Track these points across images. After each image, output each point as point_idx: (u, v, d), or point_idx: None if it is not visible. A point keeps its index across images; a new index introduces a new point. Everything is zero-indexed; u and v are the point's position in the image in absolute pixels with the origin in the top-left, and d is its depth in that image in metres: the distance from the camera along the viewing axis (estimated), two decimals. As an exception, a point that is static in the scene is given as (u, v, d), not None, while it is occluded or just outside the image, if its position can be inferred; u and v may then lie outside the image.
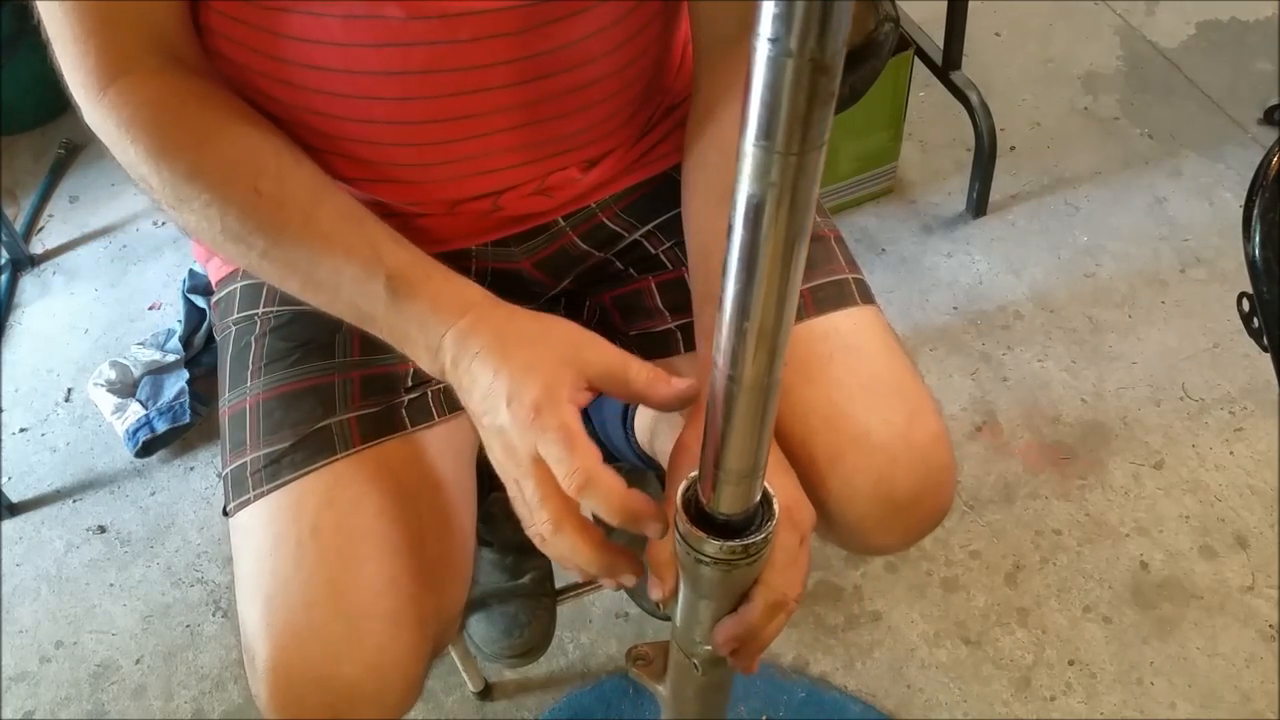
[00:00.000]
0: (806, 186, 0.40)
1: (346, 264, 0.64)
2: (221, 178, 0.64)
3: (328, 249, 0.64)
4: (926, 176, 1.80)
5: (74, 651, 1.37)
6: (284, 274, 0.66)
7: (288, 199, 0.65)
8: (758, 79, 0.37)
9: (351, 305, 0.65)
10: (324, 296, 0.66)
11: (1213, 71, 1.90)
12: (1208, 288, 1.60)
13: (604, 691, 1.28)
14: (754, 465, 0.51)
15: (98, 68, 0.65)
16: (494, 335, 0.61)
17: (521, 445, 0.58)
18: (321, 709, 0.68)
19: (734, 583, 0.59)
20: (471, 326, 0.62)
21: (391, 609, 0.70)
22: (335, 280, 0.64)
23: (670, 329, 0.84)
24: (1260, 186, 0.83)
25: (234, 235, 0.65)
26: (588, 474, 0.56)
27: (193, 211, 0.65)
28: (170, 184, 0.65)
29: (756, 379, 0.47)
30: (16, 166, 1.98)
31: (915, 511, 0.75)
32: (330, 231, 0.64)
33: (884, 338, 0.79)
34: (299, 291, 0.66)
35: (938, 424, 0.76)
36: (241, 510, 0.74)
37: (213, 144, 0.65)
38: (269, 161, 0.66)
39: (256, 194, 0.64)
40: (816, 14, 0.35)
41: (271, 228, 0.64)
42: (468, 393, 0.62)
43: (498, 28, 0.68)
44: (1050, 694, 1.24)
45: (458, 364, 0.62)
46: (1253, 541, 1.34)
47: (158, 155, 0.65)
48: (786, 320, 0.45)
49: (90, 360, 1.66)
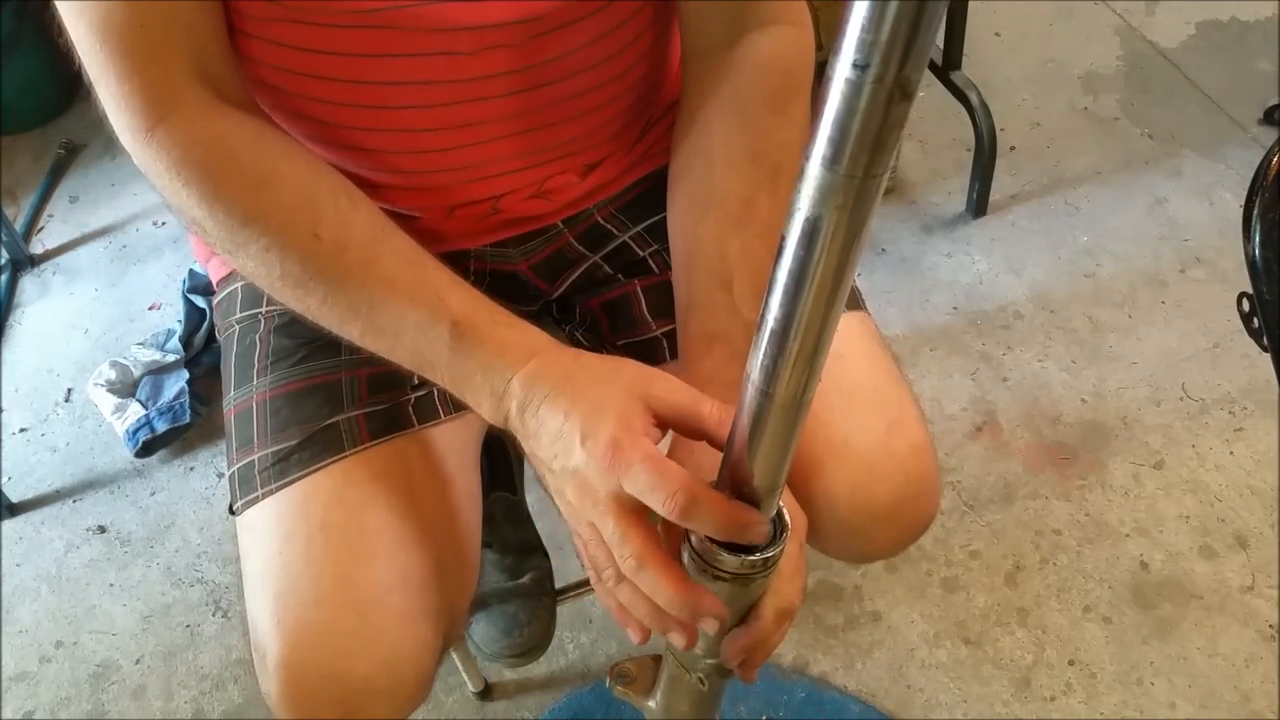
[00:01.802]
0: (865, 211, 0.41)
1: (410, 310, 0.63)
2: (280, 223, 0.63)
3: (390, 295, 0.63)
4: (926, 176, 1.80)
5: (74, 651, 1.37)
6: (345, 319, 0.65)
7: (349, 244, 0.64)
8: (834, 102, 0.37)
9: (414, 352, 0.64)
10: (385, 342, 0.64)
11: (1213, 71, 1.91)
12: (1208, 288, 1.60)
13: (604, 691, 1.27)
14: (779, 482, 0.52)
15: (144, 107, 0.62)
16: (562, 377, 0.60)
17: (601, 484, 0.56)
18: (334, 705, 0.68)
19: (746, 596, 0.59)
20: (539, 370, 0.61)
21: (402, 605, 0.70)
22: (397, 326, 0.63)
23: (656, 336, 0.84)
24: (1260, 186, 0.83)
25: (294, 280, 0.64)
26: (691, 493, 0.53)
27: (250, 256, 0.64)
28: (226, 228, 0.63)
29: (792, 398, 0.47)
30: (16, 166, 1.98)
31: (895, 521, 0.75)
32: (393, 277, 0.63)
33: (868, 345, 0.79)
34: (359, 337, 0.65)
35: (919, 433, 0.75)
36: (249, 509, 0.74)
37: (270, 187, 0.64)
38: (327, 205, 0.64)
39: (317, 239, 0.63)
40: (904, 41, 0.35)
41: (332, 274, 0.63)
42: (535, 437, 0.60)
43: (497, 40, 0.68)
44: (1050, 694, 1.24)
45: (524, 409, 0.60)
46: (1253, 541, 1.34)
47: (212, 199, 0.63)
48: (826, 341, 0.45)
49: (90, 360, 1.66)
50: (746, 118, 0.73)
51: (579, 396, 0.59)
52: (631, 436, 0.56)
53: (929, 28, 0.35)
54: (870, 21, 0.35)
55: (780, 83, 0.75)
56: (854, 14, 0.35)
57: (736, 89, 0.73)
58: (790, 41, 0.76)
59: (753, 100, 0.74)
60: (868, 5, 0.35)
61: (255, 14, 0.66)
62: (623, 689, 0.75)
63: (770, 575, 0.57)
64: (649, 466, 0.54)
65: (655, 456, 0.55)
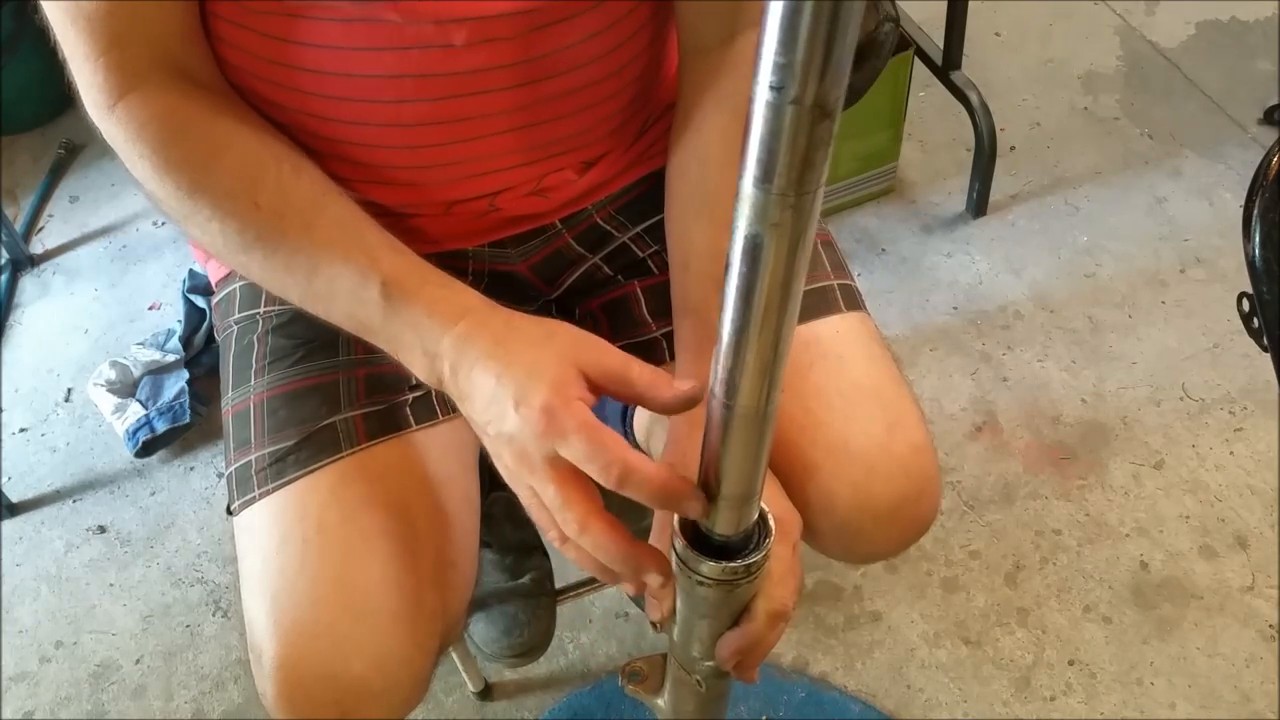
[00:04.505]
0: (804, 227, 0.41)
1: (344, 271, 0.63)
2: (223, 192, 0.65)
3: (325, 257, 0.63)
4: (926, 176, 1.80)
5: (74, 651, 1.37)
6: (284, 284, 0.66)
7: (287, 210, 0.65)
8: (758, 124, 0.38)
9: (349, 314, 0.64)
10: (322, 306, 0.65)
11: (1213, 71, 1.91)
12: (1208, 288, 1.60)
13: (604, 691, 1.28)
14: (751, 490, 0.52)
15: (107, 84, 0.65)
16: (494, 340, 0.60)
17: (536, 450, 0.56)
18: (329, 706, 0.68)
19: (734, 601, 0.59)
20: (470, 331, 0.60)
21: (398, 606, 0.70)
22: (331, 289, 0.64)
23: (655, 337, 0.84)
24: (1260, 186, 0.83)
25: (236, 247, 0.65)
26: (625, 463, 0.53)
27: (197, 226, 0.66)
28: (175, 199, 0.65)
29: (754, 409, 0.47)
30: (16, 166, 1.98)
31: (895, 522, 0.75)
32: (328, 240, 0.64)
33: (867, 345, 0.79)
34: (300, 302, 0.66)
35: (919, 433, 0.75)
36: (246, 509, 0.74)
37: (218, 159, 0.65)
38: (270, 173, 0.66)
39: (256, 207, 0.64)
40: (819, 61, 0.35)
41: (270, 238, 0.64)
42: (469, 400, 0.60)
43: (493, 33, 0.68)
44: (1050, 694, 1.24)
45: (457, 371, 0.60)
46: (1253, 541, 1.34)
47: (163, 171, 0.65)
48: (783, 353, 0.46)
49: (90, 360, 1.66)
50: (741, 117, 0.73)
51: (511, 360, 0.58)
52: (565, 402, 0.55)
53: (842, 48, 0.35)
54: (783, 45, 0.35)
55: None
56: (767, 37, 0.35)
57: (732, 88, 0.73)
58: None
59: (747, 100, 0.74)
60: (779, 28, 0.35)
61: (245, 6, 0.66)
62: (634, 687, 0.76)
63: (756, 580, 0.57)
64: (585, 435, 0.54)
65: (591, 424, 0.55)
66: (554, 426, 0.55)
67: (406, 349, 0.63)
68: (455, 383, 0.61)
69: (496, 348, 0.59)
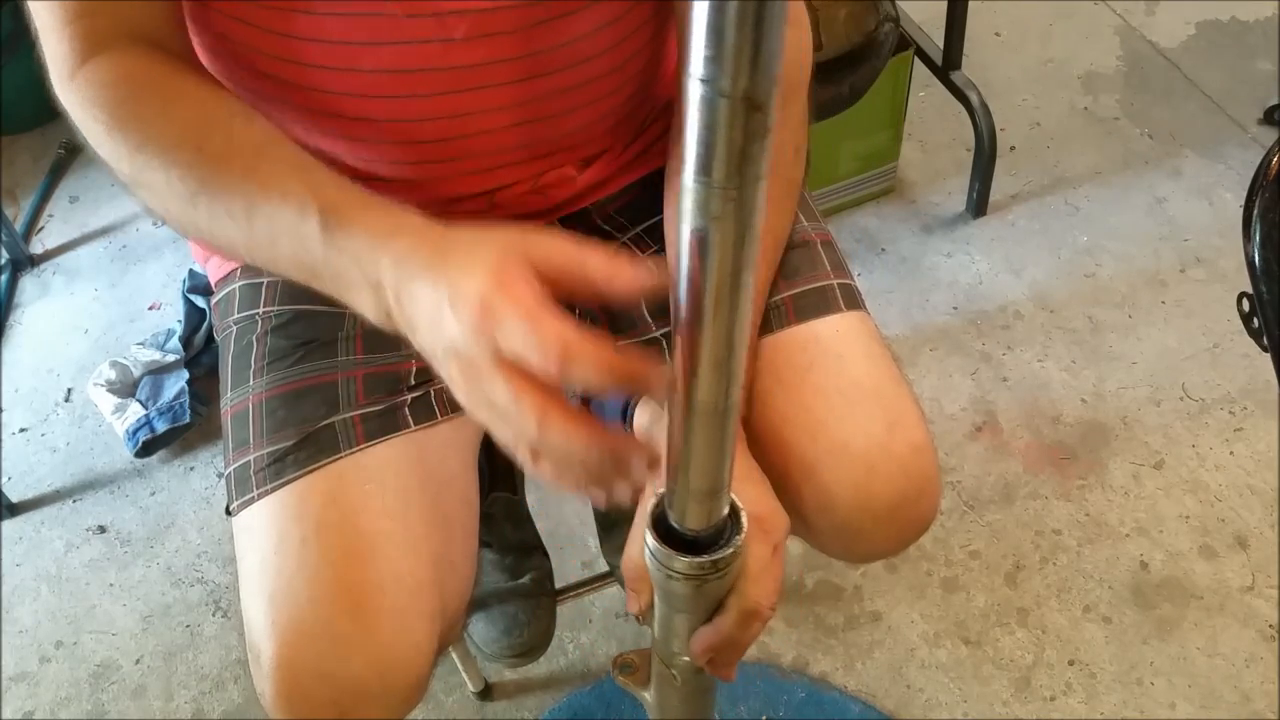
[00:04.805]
0: (748, 219, 0.41)
1: (282, 208, 0.58)
2: (171, 141, 0.62)
3: (265, 198, 0.59)
4: (926, 176, 1.80)
5: (74, 651, 1.37)
6: (229, 235, 0.61)
7: (233, 154, 0.61)
8: (692, 117, 0.37)
9: (291, 257, 0.59)
10: (266, 252, 0.60)
11: (1213, 71, 1.91)
12: (1208, 288, 1.60)
13: (604, 691, 1.28)
14: (717, 484, 0.52)
15: (70, 54, 0.64)
16: (433, 249, 0.53)
17: (478, 350, 0.49)
18: (327, 706, 0.68)
19: (706, 596, 0.59)
20: (409, 247, 0.54)
21: (397, 606, 0.70)
22: (271, 230, 0.59)
23: (656, 337, 0.84)
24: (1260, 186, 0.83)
25: (181, 197, 0.61)
26: (564, 342, 0.46)
27: (147, 185, 0.63)
28: (127, 157, 0.63)
29: (713, 404, 0.47)
30: (16, 166, 1.98)
31: (895, 521, 0.75)
32: (269, 179, 0.59)
33: (867, 345, 0.78)
34: (246, 253, 0.62)
35: (919, 433, 0.75)
36: (245, 509, 0.74)
37: (168, 113, 0.63)
38: (219, 124, 0.63)
39: (201, 153, 0.61)
40: (748, 54, 0.35)
41: (213, 183, 0.60)
42: (415, 326, 0.53)
43: (494, 26, 0.68)
44: (1050, 694, 1.24)
45: (400, 295, 0.54)
46: (1253, 541, 1.34)
47: (114, 129, 0.63)
48: (738, 347, 0.46)
49: (90, 360, 1.66)
50: None
51: (449, 264, 0.51)
52: (503, 290, 0.49)
53: (771, 40, 0.35)
54: (710, 37, 0.35)
55: None
56: (694, 29, 0.35)
57: None
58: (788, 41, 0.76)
59: None
60: (706, 20, 0.35)
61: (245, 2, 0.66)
62: (624, 679, 0.76)
63: (727, 576, 0.57)
64: (520, 317, 0.47)
65: (529, 307, 0.48)
66: (490, 316, 0.48)
67: (352, 286, 0.56)
68: (401, 310, 0.54)
69: (435, 257, 0.53)
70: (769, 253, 0.76)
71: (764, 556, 0.61)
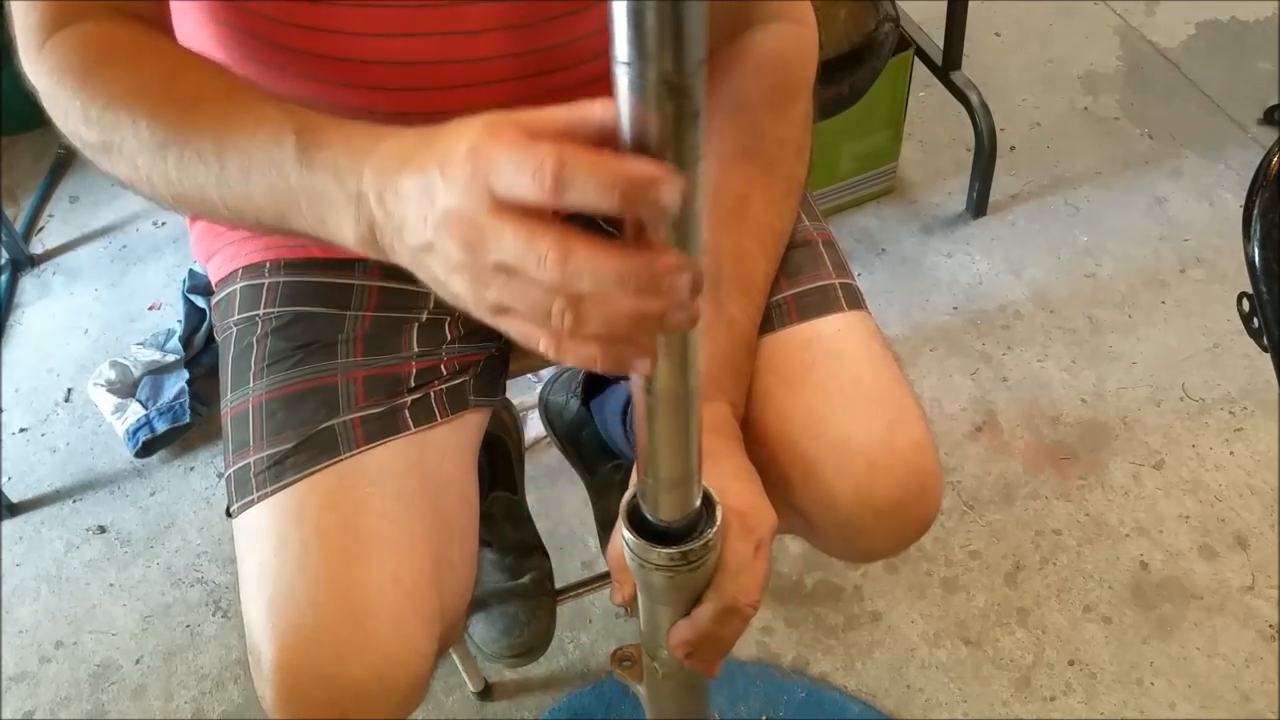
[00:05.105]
0: (690, 203, 0.41)
1: (256, 136, 0.55)
2: (139, 93, 0.59)
3: (237, 129, 0.55)
4: (926, 176, 1.80)
5: (74, 651, 1.37)
6: (198, 179, 0.57)
7: (203, 97, 0.58)
8: (621, 101, 0.38)
9: (266, 189, 0.55)
10: (239, 189, 0.56)
11: (1213, 71, 1.90)
12: (1208, 288, 1.60)
13: (604, 691, 1.28)
14: (685, 473, 0.52)
15: (40, 22, 0.62)
16: (418, 142, 0.48)
17: (475, 201, 0.43)
18: (327, 709, 0.68)
19: (682, 588, 0.59)
20: (393, 150, 0.49)
21: (396, 609, 0.70)
22: (245, 163, 0.55)
23: None
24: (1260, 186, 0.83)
25: (149, 150, 0.58)
26: (559, 154, 0.40)
27: (114, 148, 0.59)
28: (96, 120, 0.59)
29: (671, 390, 0.48)
30: (16, 166, 1.98)
31: (897, 518, 0.75)
32: (242, 114, 0.56)
33: (868, 344, 0.79)
34: (218, 196, 0.57)
35: (921, 431, 0.75)
36: (245, 511, 0.74)
37: (136, 68, 0.61)
38: (190, 70, 0.60)
39: (171, 98, 0.58)
40: (670, 38, 0.35)
41: (183, 128, 0.57)
42: (403, 224, 0.48)
43: (503, 19, 0.68)
44: (1050, 694, 1.24)
45: (385, 199, 0.48)
46: (1253, 541, 1.34)
47: (81, 91, 0.60)
48: (692, 336, 0.46)
49: (90, 360, 1.66)
50: (744, 114, 0.73)
51: (435, 145, 0.46)
52: (493, 136, 0.43)
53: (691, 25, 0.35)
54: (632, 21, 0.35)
55: (780, 80, 0.75)
56: (616, 14, 0.36)
57: (735, 85, 0.73)
58: (792, 39, 0.76)
59: (751, 96, 0.74)
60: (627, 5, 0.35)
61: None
62: (621, 671, 0.77)
63: (701, 569, 0.57)
64: (512, 147, 0.42)
65: (518, 137, 0.42)
66: (480, 158, 0.43)
67: (332, 206, 0.52)
68: (387, 214, 0.49)
69: (420, 146, 0.47)
70: (771, 251, 0.76)
71: (744, 553, 0.61)
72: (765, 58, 0.74)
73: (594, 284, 0.42)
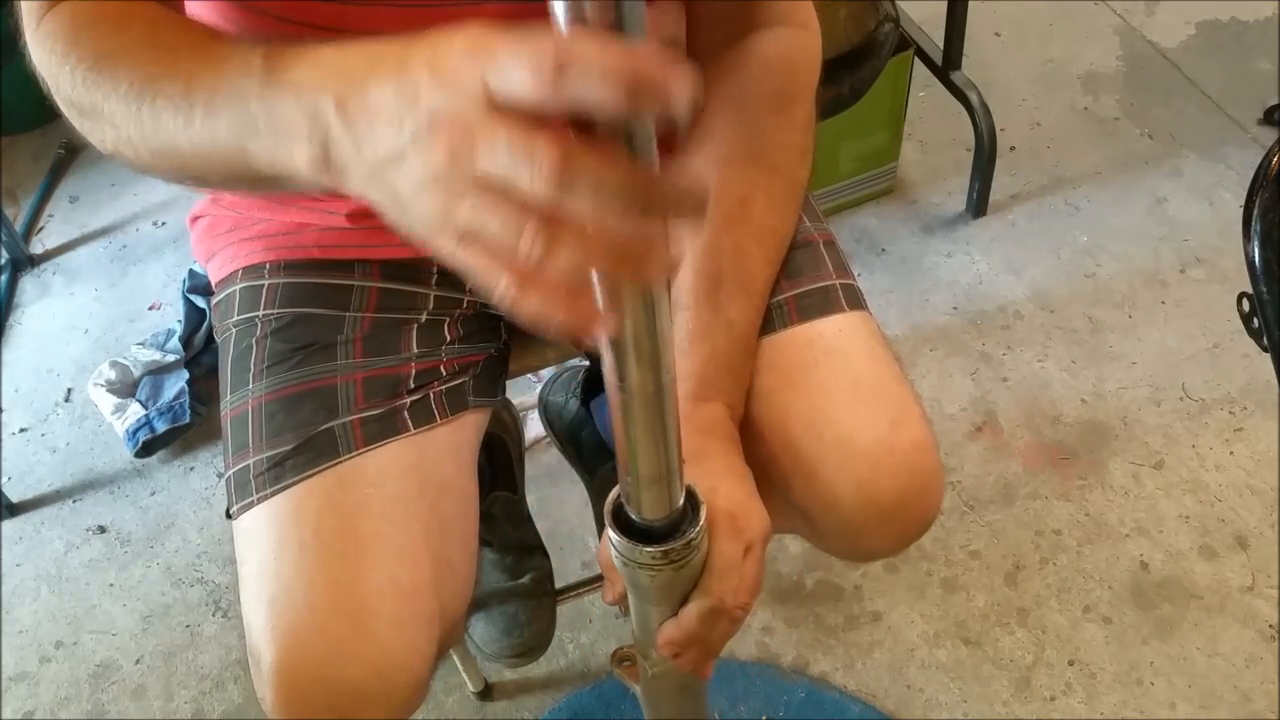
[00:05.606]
0: None
1: (223, 69, 0.51)
2: (123, 48, 0.58)
3: (210, 66, 0.53)
4: (926, 176, 1.80)
5: (74, 651, 1.37)
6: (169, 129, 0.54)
7: (181, 44, 0.56)
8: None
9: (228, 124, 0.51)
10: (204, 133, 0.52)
11: (1213, 71, 1.90)
12: (1208, 288, 1.60)
13: (604, 691, 1.28)
14: (663, 470, 0.52)
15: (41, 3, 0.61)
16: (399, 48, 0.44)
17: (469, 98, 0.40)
18: (327, 710, 0.68)
19: (667, 588, 0.59)
20: (360, 59, 0.45)
21: (395, 610, 0.70)
22: (211, 98, 0.52)
23: None
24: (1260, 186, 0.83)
25: (127, 104, 0.56)
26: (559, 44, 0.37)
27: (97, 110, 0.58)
28: (83, 84, 0.58)
29: (643, 386, 0.48)
30: (16, 166, 1.98)
31: (899, 517, 0.75)
32: (215, 51, 0.53)
33: (870, 344, 0.79)
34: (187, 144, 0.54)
35: (922, 430, 0.75)
36: (245, 513, 0.74)
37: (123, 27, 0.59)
38: (174, 26, 0.59)
39: (152, 48, 0.57)
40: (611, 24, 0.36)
41: (159, 76, 0.55)
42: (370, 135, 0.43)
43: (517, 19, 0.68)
44: (1050, 694, 1.24)
45: (346, 106, 0.44)
46: (1253, 541, 1.34)
47: (69, 53, 0.59)
48: (659, 329, 0.46)
49: (90, 360, 1.66)
50: (747, 116, 0.74)
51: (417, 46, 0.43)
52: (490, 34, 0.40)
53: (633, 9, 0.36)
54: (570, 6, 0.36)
55: (783, 84, 0.75)
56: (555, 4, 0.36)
57: (739, 88, 0.73)
58: (796, 43, 0.76)
59: (754, 99, 0.74)
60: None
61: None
62: (621, 671, 0.77)
63: (686, 568, 0.57)
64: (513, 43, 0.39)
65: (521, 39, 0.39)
66: (479, 52, 0.40)
67: (286, 126, 0.47)
68: (346, 128, 0.44)
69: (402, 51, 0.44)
70: (772, 253, 0.76)
71: (732, 554, 0.61)
72: (769, 62, 0.74)
73: (591, 194, 0.38)
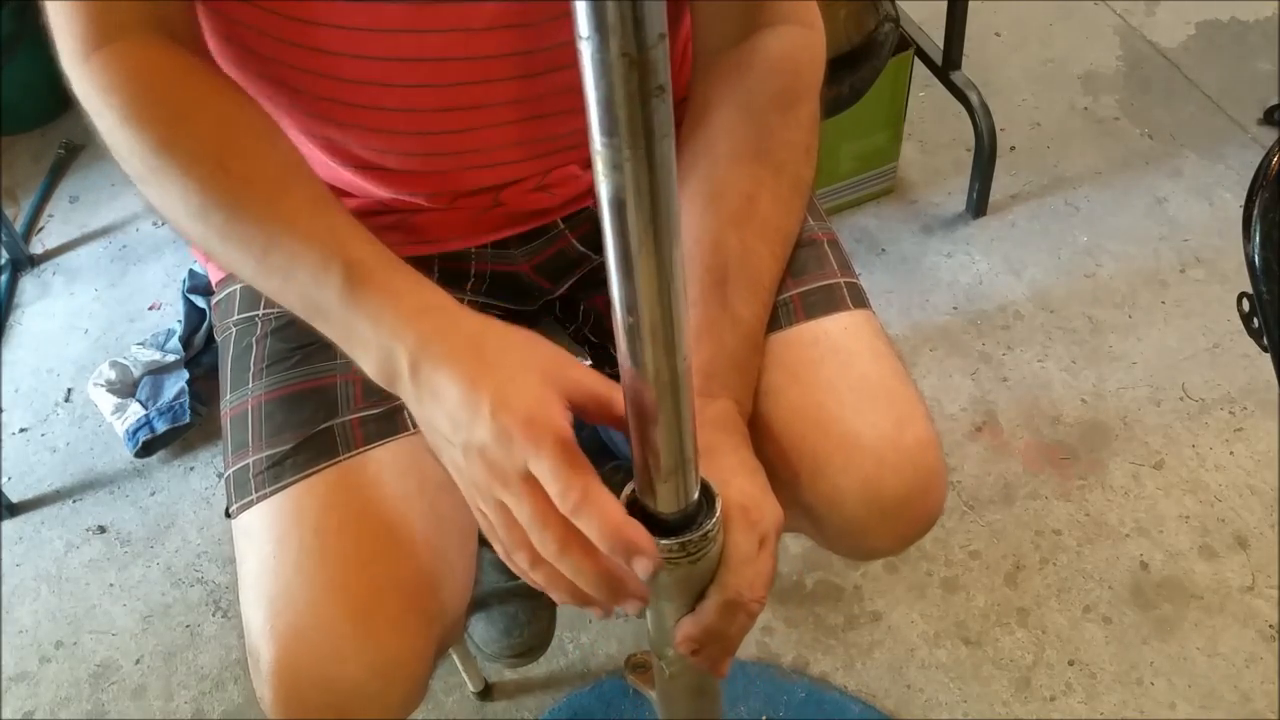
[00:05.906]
0: (663, 179, 0.41)
1: (305, 250, 0.60)
2: (190, 151, 0.62)
3: (287, 233, 0.61)
4: (926, 176, 1.80)
5: (74, 651, 1.38)
6: (240, 256, 0.62)
7: (254, 178, 0.62)
8: (588, 78, 0.38)
9: (303, 295, 0.61)
10: (276, 282, 0.62)
11: (1213, 71, 1.90)
12: (1208, 288, 1.60)
13: (604, 691, 1.28)
14: (679, 461, 0.52)
15: (86, 33, 0.63)
16: (466, 342, 0.57)
17: (510, 462, 0.53)
18: (326, 710, 0.68)
19: (684, 582, 0.59)
20: (439, 328, 0.57)
21: (395, 610, 0.70)
22: (290, 266, 0.60)
23: None
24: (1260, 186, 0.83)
25: (196, 211, 0.62)
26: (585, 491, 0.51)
27: (159, 185, 0.63)
28: (140, 155, 0.63)
29: (659, 375, 0.47)
30: (16, 166, 1.98)
31: (903, 515, 0.75)
32: (293, 215, 0.61)
33: (874, 342, 0.79)
34: (253, 277, 0.63)
35: (926, 428, 0.76)
36: (244, 512, 0.74)
37: (189, 119, 0.63)
38: (242, 140, 0.64)
39: (224, 171, 0.62)
40: (629, 12, 0.36)
41: (233, 207, 0.61)
42: (430, 406, 0.57)
43: (510, 18, 0.68)
44: (1050, 694, 1.24)
45: (418, 369, 0.57)
46: (1253, 541, 1.34)
47: (132, 123, 0.62)
48: (675, 314, 0.45)
49: (90, 360, 1.66)
50: (753, 114, 0.74)
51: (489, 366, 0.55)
52: (547, 415, 0.53)
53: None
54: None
55: (788, 82, 0.75)
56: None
57: (744, 86, 0.73)
58: (801, 42, 0.76)
59: (760, 97, 0.74)
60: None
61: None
62: (635, 677, 0.76)
63: (702, 561, 0.57)
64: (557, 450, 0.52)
65: (567, 441, 0.52)
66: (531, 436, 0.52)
67: (360, 341, 0.59)
68: (415, 384, 0.57)
69: (469, 349, 0.56)
70: (779, 250, 0.76)
71: (747, 546, 0.61)
72: (774, 60, 0.74)
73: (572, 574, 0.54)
